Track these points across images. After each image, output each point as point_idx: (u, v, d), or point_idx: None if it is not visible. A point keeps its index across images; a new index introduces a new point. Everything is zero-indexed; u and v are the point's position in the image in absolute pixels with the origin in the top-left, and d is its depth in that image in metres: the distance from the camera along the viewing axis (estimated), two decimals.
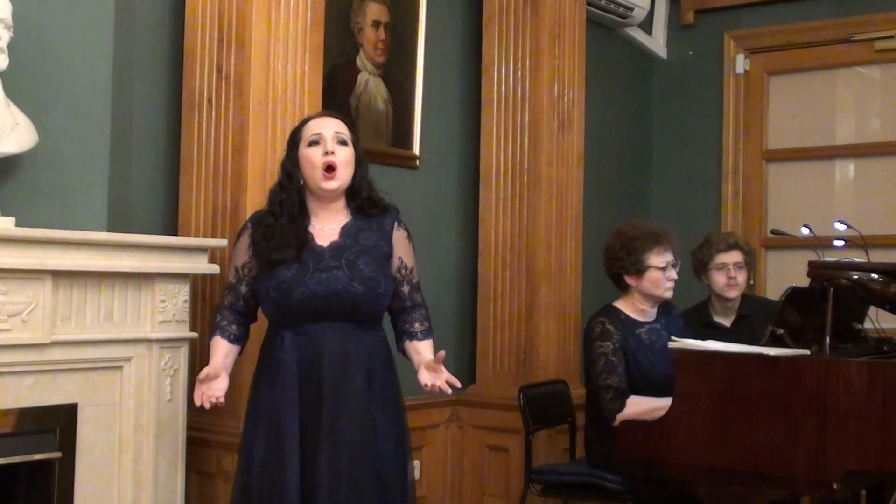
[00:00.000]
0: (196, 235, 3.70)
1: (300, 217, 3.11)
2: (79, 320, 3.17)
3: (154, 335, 3.35)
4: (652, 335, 4.05)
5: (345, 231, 3.11)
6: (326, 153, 3.06)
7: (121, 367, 3.29)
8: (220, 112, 3.68)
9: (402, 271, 3.18)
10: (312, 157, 3.08)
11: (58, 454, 3.11)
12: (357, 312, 3.05)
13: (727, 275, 4.50)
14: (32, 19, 3.15)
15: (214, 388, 3.03)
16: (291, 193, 3.12)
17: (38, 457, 3.08)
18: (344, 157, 3.09)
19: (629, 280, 4.06)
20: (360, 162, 3.17)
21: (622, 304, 4.11)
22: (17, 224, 2.99)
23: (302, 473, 2.96)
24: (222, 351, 3.13)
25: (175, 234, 3.77)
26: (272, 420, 3.02)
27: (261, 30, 3.62)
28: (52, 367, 3.10)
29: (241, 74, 3.64)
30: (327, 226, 3.12)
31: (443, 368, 3.09)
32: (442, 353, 3.09)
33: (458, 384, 3.11)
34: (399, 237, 3.19)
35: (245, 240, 3.16)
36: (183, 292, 3.44)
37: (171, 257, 3.39)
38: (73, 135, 3.28)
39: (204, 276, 3.62)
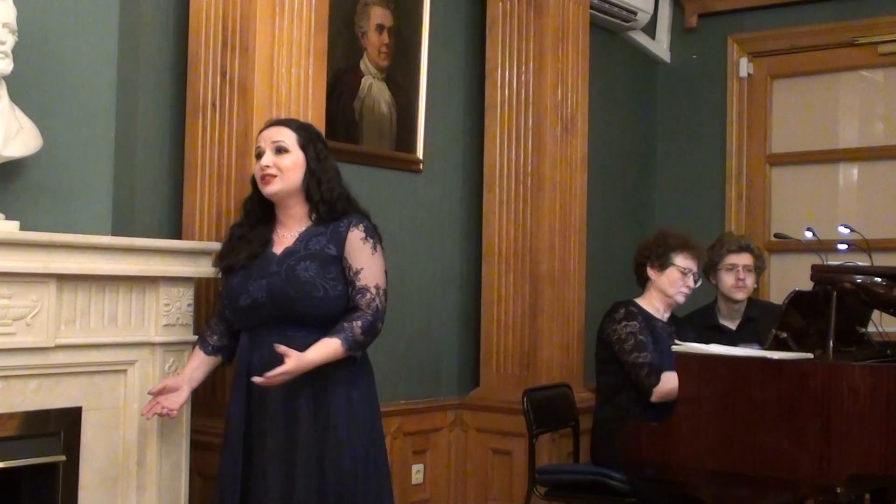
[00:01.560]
0: (200, 239, 3.70)
1: (261, 224, 3.21)
2: (83, 324, 3.17)
3: (158, 339, 3.35)
4: (664, 332, 4.14)
5: (300, 237, 3.16)
6: (262, 167, 3.15)
7: (125, 371, 3.30)
8: (225, 116, 3.69)
9: (348, 273, 3.14)
10: (254, 170, 3.20)
11: (62, 457, 3.11)
12: (297, 317, 3.07)
13: (736, 276, 4.53)
14: (37, 23, 3.16)
15: (170, 401, 3.16)
16: (255, 203, 3.24)
17: (42, 460, 3.08)
18: (283, 165, 3.14)
19: (650, 272, 4.21)
20: (310, 164, 3.18)
21: (641, 301, 4.22)
22: (22, 228, 2.99)
23: (249, 474, 3.05)
24: (193, 363, 3.26)
25: (179, 237, 3.78)
26: (229, 421, 3.13)
27: (265, 34, 3.63)
28: (56, 370, 3.10)
29: (245, 78, 3.64)
30: (289, 232, 3.19)
31: (281, 368, 2.96)
32: (282, 347, 2.98)
33: (263, 379, 2.96)
34: (352, 237, 3.15)
35: None
36: (187, 296, 3.45)
37: (175, 261, 3.39)
38: (77, 139, 3.28)
39: (208, 280, 3.62)
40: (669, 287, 4.16)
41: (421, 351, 4.78)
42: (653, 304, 4.19)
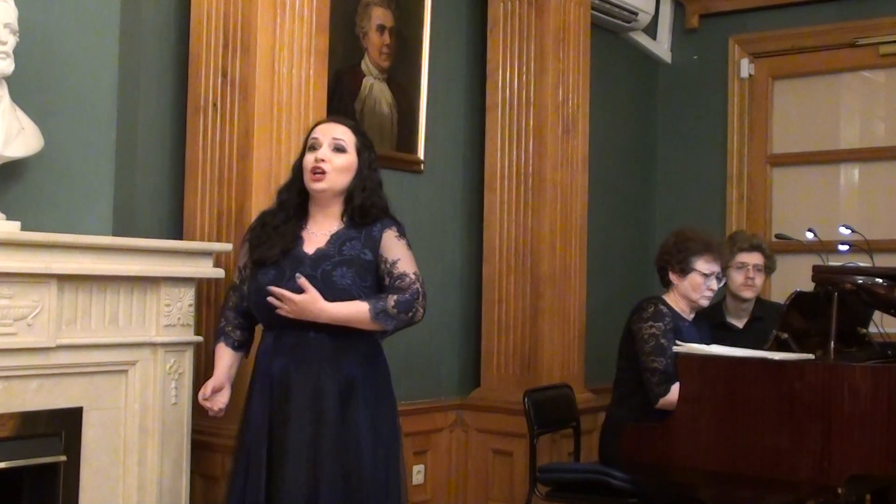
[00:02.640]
0: (201, 239, 3.70)
1: (295, 218, 3.16)
2: (84, 324, 3.17)
3: (159, 339, 3.35)
4: (690, 332, 4.12)
5: (333, 238, 3.12)
6: (317, 159, 3.10)
7: (126, 371, 3.30)
8: (225, 116, 3.69)
9: (384, 266, 3.13)
10: (306, 161, 3.15)
11: (63, 458, 3.12)
12: (328, 323, 3.04)
13: (746, 275, 4.55)
14: (38, 24, 3.16)
15: (218, 401, 3.15)
16: (293, 194, 3.18)
17: (43, 460, 3.08)
18: (337, 164, 3.11)
19: (672, 277, 4.18)
20: (361, 170, 3.17)
21: (668, 298, 4.20)
22: (23, 228, 3.00)
23: (270, 477, 3.00)
24: (226, 362, 3.19)
25: (180, 238, 3.78)
26: (250, 422, 3.08)
27: (266, 34, 3.63)
28: (57, 370, 3.10)
29: (246, 79, 3.64)
30: (320, 231, 3.15)
31: (293, 296, 2.99)
32: (302, 280, 3.00)
33: (279, 292, 3.00)
34: (387, 236, 3.14)
35: (247, 239, 3.22)
36: (188, 296, 3.45)
37: (176, 261, 3.39)
38: (78, 139, 3.29)
39: (209, 280, 3.62)
40: (693, 292, 4.13)
41: (422, 351, 4.78)
42: (678, 304, 4.16)
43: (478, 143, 5.05)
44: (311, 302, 2.99)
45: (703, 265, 4.13)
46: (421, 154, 4.78)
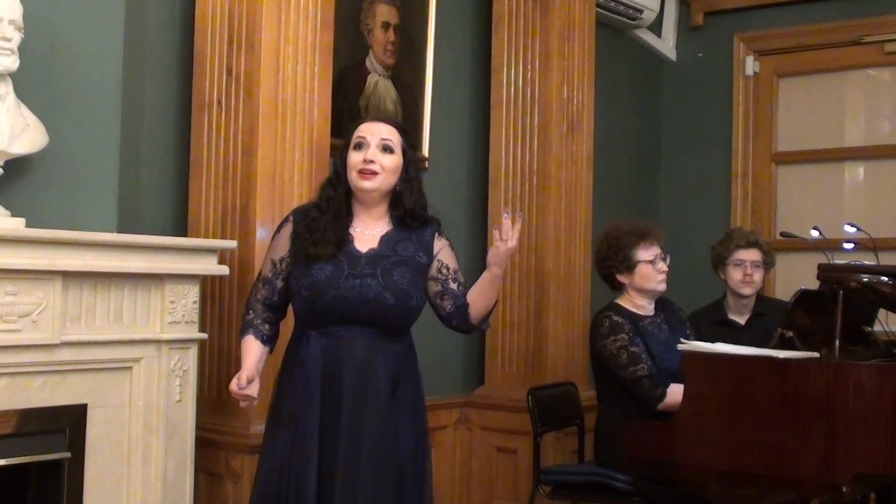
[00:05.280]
0: (205, 236, 3.70)
1: (344, 217, 3.10)
2: (88, 321, 3.17)
3: (163, 336, 3.35)
4: (654, 327, 4.11)
5: (384, 239, 3.08)
6: (365, 160, 3.05)
7: (130, 368, 3.30)
8: (230, 113, 3.69)
9: (444, 271, 3.12)
10: (352, 161, 3.08)
11: (67, 454, 3.12)
12: (386, 322, 3.01)
13: (744, 272, 4.55)
14: (43, 20, 3.16)
15: (252, 390, 2.99)
16: (339, 192, 3.11)
17: (47, 457, 3.08)
18: (385, 165, 3.06)
19: (621, 278, 4.15)
20: (408, 171, 3.13)
21: (622, 301, 4.17)
22: (28, 225, 3.00)
23: (319, 478, 2.93)
24: (255, 356, 3.08)
25: (184, 234, 3.78)
26: (293, 422, 3.00)
27: (270, 31, 3.63)
28: (61, 367, 3.10)
29: (250, 76, 3.64)
30: (368, 231, 3.09)
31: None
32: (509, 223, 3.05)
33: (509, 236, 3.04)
34: (440, 245, 3.15)
35: (285, 232, 3.12)
36: (192, 293, 3.45)
37: (181, 258, 3.39)
38: (83, 136, 3.29)
39: (213, 277, 3.63)
40: (646, 283, 4.10)
41: (426, 349, 4.73)
42: (634, 302, 4.13)
43: (482, 140, 5.05)
44: (511, 251, 3.06)
45: (643, 253, 4.09)
46: (425, 151, 4.77)
